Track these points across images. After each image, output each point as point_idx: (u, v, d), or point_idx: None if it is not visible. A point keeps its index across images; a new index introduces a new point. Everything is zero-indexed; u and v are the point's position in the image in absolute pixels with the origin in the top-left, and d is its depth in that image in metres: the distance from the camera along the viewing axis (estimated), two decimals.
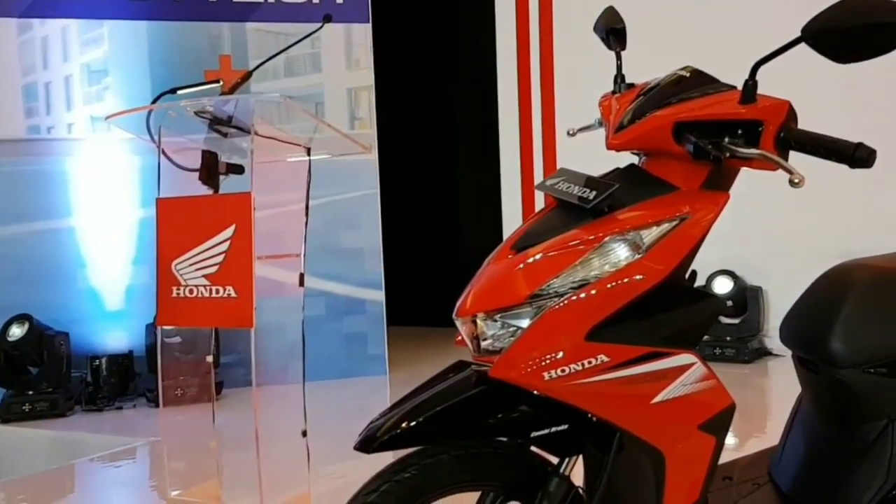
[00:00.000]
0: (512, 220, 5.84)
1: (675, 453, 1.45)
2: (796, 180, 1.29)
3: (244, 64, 5.10)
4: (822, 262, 2.17)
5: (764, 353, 5.17)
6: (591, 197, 1.43)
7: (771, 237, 5.17)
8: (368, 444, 1.49)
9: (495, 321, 1.48)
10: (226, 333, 4.30)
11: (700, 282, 1.53)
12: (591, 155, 1.90)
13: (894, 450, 1.64)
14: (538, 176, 5.75)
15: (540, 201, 5.75)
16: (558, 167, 5.39)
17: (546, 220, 1.53)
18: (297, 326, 3.02)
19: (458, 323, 1.53)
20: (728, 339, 5.04)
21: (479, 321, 1.49)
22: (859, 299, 1.69)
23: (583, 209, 1.46)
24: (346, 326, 5.27)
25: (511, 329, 1.45)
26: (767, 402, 4.47)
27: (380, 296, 5.35)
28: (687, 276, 1.50)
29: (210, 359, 2.74)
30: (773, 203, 4.42)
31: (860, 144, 1.30)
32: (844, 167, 1.33)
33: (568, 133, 1.81)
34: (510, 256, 1.52)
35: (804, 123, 1.42)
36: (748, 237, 4.89)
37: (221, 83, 2.63)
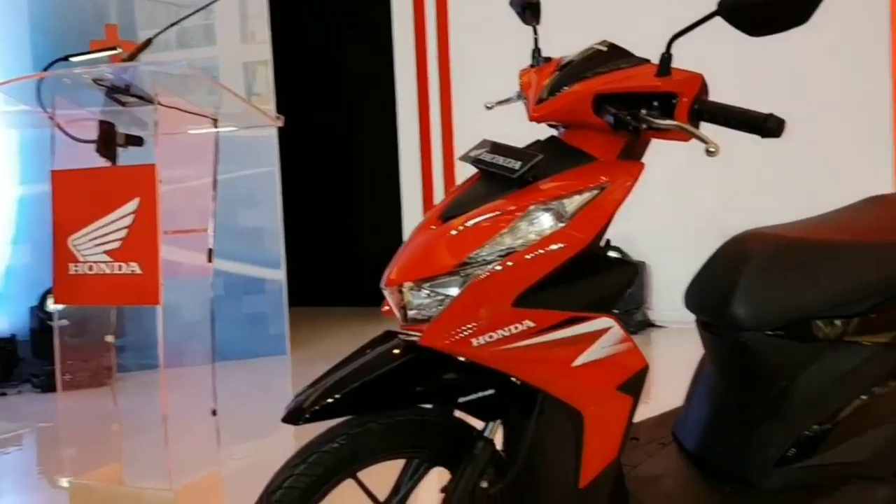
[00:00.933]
0: (411, 200, 5.85)
1: (594, 414, 1.50)
2: (712, 149, 1.36)
3: (132, 35, 4.89)
4: (700, 239, 2.29)
5: (647, 324, 5.41)
6: (517, 167, 1.46)
7: (652, 215, 5.37)
8: (296, 416, 1.48)
9: (421, 291, 1.49)
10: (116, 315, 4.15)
11: None
12: (490, 130, 1.91)
13: (793, 410, 1.74)
14: (436, 155, 5.77)
15: (439, 181, 5.78)
16: (455, 143, 5.39)
17: (471, 190, 1.56)
18: (194, 307, 2.94)
19: (385, 293, 1.54)
20: (614, 311, 5.21)
21: (405, 291, 1.51)
22: (760, 266, 1.78)
23: (507, 179, 1.49)
24: (245, 307, 5.17)
25: (439, 298, 1.47)
26: (652, 371, 4.67)
27: (280, 275, 5.27)
28: (602, 244, 1.56)
29: (111, 338, 2.64)
30: (654, 182, 4.58)
31: (770, 115, 1.37)
32: (727, 149, 1.39)
33: (486, 106, 1.84)
34: (436, 227, 1.53)
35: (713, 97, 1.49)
36: (631, 214, 5.06)
37: (119, 51, 2.52)
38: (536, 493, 1.60)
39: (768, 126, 1.36)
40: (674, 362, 1.61)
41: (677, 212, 5.29)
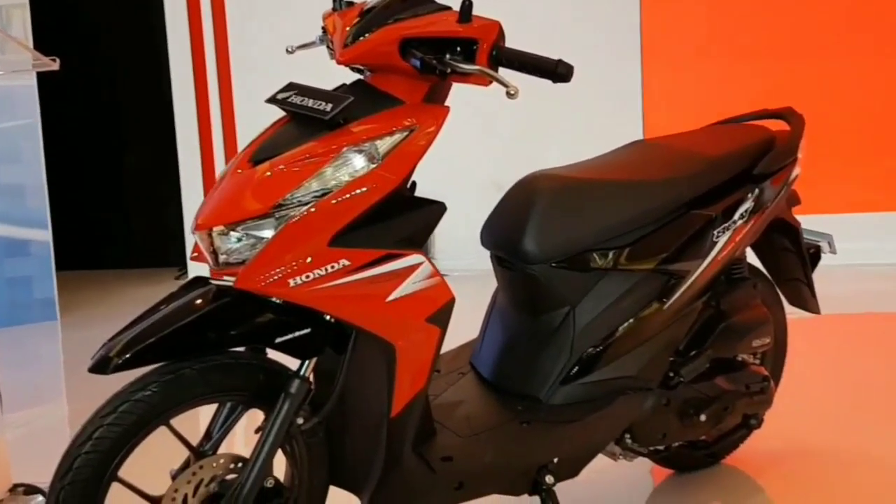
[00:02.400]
0: (187, 152, 5.59)
1: (405, 346, 1.59)
2: (511, 91, 1.47)
3: None
4: (475, 190, 2.43)
5: None
6: (328, 109, 1.50)
7: (432, 168, 5.56)
8: (104, 365, 1.45)
9: (231, 235, 1.50)
10: None
11: None
12: (268, 80, 1.90)
13: (575, 333, 1.93)
14: (214, 106, 5.55)
15: (218, 131, 5.58)
16: (234, 92, 5.17)
17: (280, 133, 1.57)
18: None
19: (196, 238, 1.52)
20: None
21: (214, 235, 1.50)
22: (546, 204, 1.94)
23: (317, 122, 1.52)
24: (7, 270, 4.75)
25: (251, 241, 1.49)
26: None
27: (46, 236, 4.88)
28: (408, 186, 1.64)
29: None
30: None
31: (560, 61, 1.51)
32: (497, 103, 1.51)
33: (287, 50, 1.84)
34: (244, 170, 1.54)
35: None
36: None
37: None
38: (350, 425, 1.68)
39: (559, 71, 1.50)
40: (462, 304, 1.74)
41: (454, 165, 5.50)
